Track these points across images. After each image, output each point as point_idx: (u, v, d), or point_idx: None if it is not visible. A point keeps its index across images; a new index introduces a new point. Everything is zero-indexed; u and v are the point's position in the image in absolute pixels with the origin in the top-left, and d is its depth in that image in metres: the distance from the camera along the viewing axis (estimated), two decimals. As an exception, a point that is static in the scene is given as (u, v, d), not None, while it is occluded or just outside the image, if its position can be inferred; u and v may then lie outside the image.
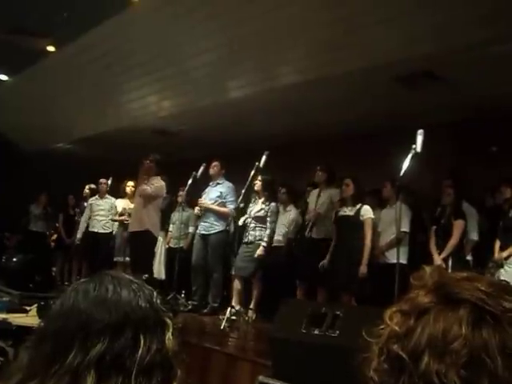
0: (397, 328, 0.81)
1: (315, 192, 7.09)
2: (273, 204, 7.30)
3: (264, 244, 7.13)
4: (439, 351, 0.76)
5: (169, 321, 1.05)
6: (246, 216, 7.28)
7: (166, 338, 1.02)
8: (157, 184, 7.25)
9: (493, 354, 0.74)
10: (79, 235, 9.36)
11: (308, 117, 8.71)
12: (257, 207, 7.29)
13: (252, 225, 7.24)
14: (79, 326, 0.98)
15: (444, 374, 0.74)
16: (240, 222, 7.30)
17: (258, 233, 7.20)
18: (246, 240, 7.23)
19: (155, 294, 1.08)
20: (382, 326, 0.84)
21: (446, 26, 5.84)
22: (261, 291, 7.14)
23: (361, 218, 6.38)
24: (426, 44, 6.12)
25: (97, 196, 9.42)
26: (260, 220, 7.22)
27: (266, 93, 8.02)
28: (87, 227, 9.41)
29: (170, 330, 1.04)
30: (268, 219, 7.23)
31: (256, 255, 7.09)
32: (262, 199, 7.30)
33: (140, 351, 0.97)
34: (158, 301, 1.07)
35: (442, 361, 0.75)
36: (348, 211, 6.47)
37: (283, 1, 6.73)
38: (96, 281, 1.06)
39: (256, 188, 7.23)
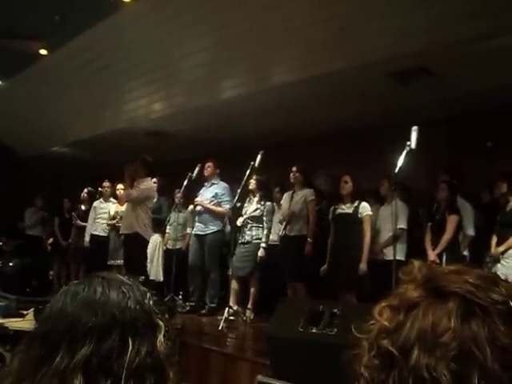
0: (386, 323, 0.81)
1: (289, 193, 7.14)
2: (268, 203, 7.32)
3: (264, 245, 7.15)
4: (429, 345, 0.75)
5: (161, 323, 1.03)
6: (245, 217, 7.27)
7: (158, 340, 1.01)
8: (143, 186, 7.19)
9: (482, 347, 0.73)
10: (87, 238, 9.36)
11: (302, 115, 8.71)
12: (252, 207, 7.30)
13: (248, 225, 7.24)
14: (66, 329, 0.97)
15: (434, 368, 0.73)
16: (238, 223, 7.28)
17: (254, 232, 7.21)
18: (242, 240, 7.23)
19: (148, 295, 1.06)
20: (371, 322, 0.83)
21: (439, 22, 5.84)
22: (258, 291, 7.15)
23: (359, 216, 6.38)
24: (419, 40, 6.11)
25: (101, 199, 9.43)
26: (256, 219, 7.23)
27: (260, 92, 8.02)
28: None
29: (162, 333, 1.02)
30: (264, 219, 7.24)
31: (258, 258, 7.10)
32: (257, 198, 7.30)
33: (128, 354, 0.96)
34: (151, 302, 1.05)
35: (432, 354, 0.74)
36: (346, 208, 6.47)
37: (275, 0, 6.72)
38: (86, 283, 1.05)
39: (250, 187, 7.24)
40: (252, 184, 7.22)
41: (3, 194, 11.82)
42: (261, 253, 7.11)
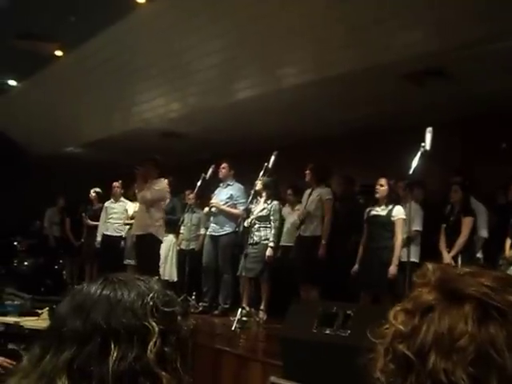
0: (402, 327, 0.80)
1: (308, 191, 7.08)
2: (275, 202, 7.28)
3: (271, 245, 7.13)
4: (446, 349, 0.75)
5: (155, 328, 0.99)
6: (252, 217, 7.25)
7: (149, 345, 0.98)
8: (157, 187, 7.12)
9: (500, 350, 0.73)
10: (99, 238, 9.38)
11: (315, 116, 8.69)
12: (259, 207, 7.27)
13: (256, 225, 7.21)
14: (56, 331, 1.00)
15: (452, 372, 0.73)
16: (246, 224, 7.24)
17: (262, 233, 7.18)
18: (251, 241, 7.17)
19: (151, 295, 1.02)
20: (386, 326, 0.83)
21: (453, 23, 5.80)
22: (270, 291, 7.14)
23: (392, 219, 6.33)
24: (432, 41, 6.08)
25: (112, 199, 9.44)
26: (263, 219, 7.19)
27: (274, 93, 8.01)
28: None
29: (155, 337, 0.98)
30: (271, 218, 7.21)
31: (266, 257, 7.08)
32: (264, 198, 7.28)
33: (112, 359, 0.95)
34: (152, 303, 1.01)
35: (449, 359, 0.74)
36: (380, 211, 6.42)
37: (288, 1, 6.72)
38: (87, 284, 1.06)
39: (257, 188, 7.17)
40: (258, 185, 7.18)
41: (17, 194, 11.91)
42: (269, 252, 7.09)
